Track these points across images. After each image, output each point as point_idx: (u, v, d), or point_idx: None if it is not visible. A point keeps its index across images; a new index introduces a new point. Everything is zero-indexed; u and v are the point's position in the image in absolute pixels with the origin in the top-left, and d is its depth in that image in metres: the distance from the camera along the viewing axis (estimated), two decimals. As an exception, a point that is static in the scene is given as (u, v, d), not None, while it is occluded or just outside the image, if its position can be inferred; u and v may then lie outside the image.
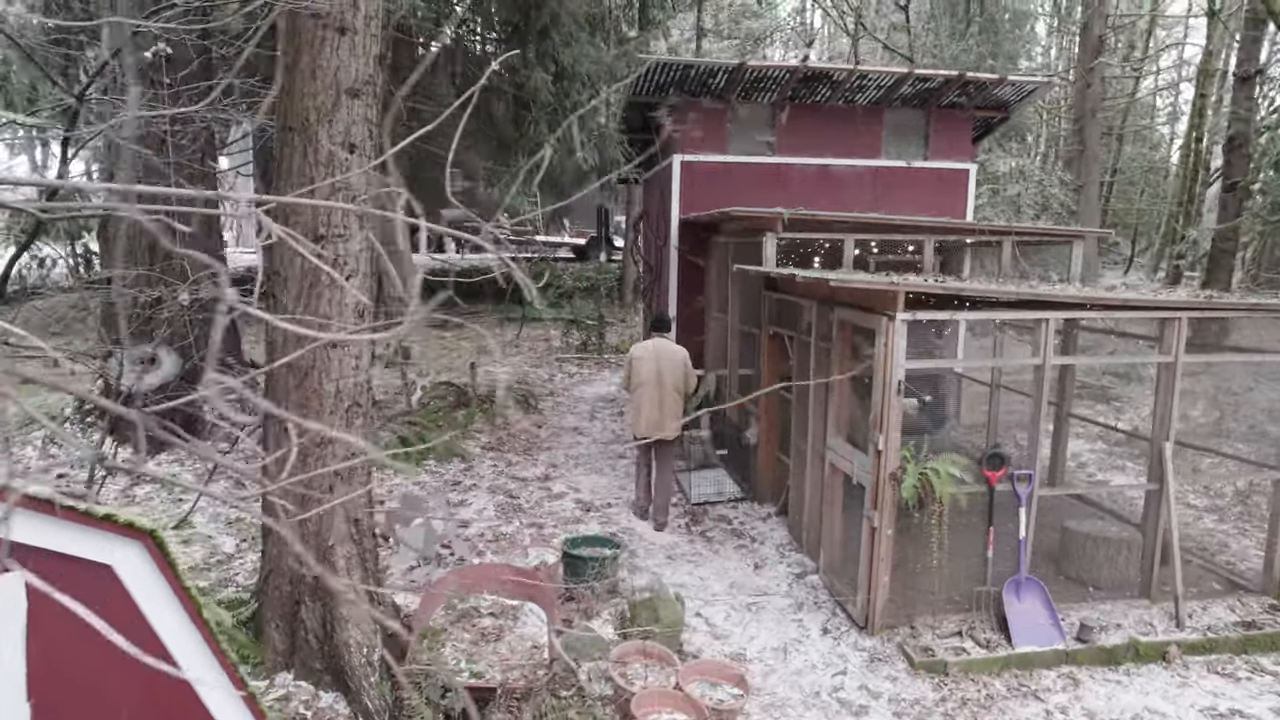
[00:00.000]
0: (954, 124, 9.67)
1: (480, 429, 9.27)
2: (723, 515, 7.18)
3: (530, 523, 6.88)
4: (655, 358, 6.76)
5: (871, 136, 9.55)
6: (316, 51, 4.01)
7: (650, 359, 6.76)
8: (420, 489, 7.62)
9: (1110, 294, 4.96)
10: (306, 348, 4.02)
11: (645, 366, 6.76)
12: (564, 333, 14.39)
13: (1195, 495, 7.87)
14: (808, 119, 9.43)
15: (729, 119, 9.34)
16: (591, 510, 7.24)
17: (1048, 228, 7.49)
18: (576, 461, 8.63)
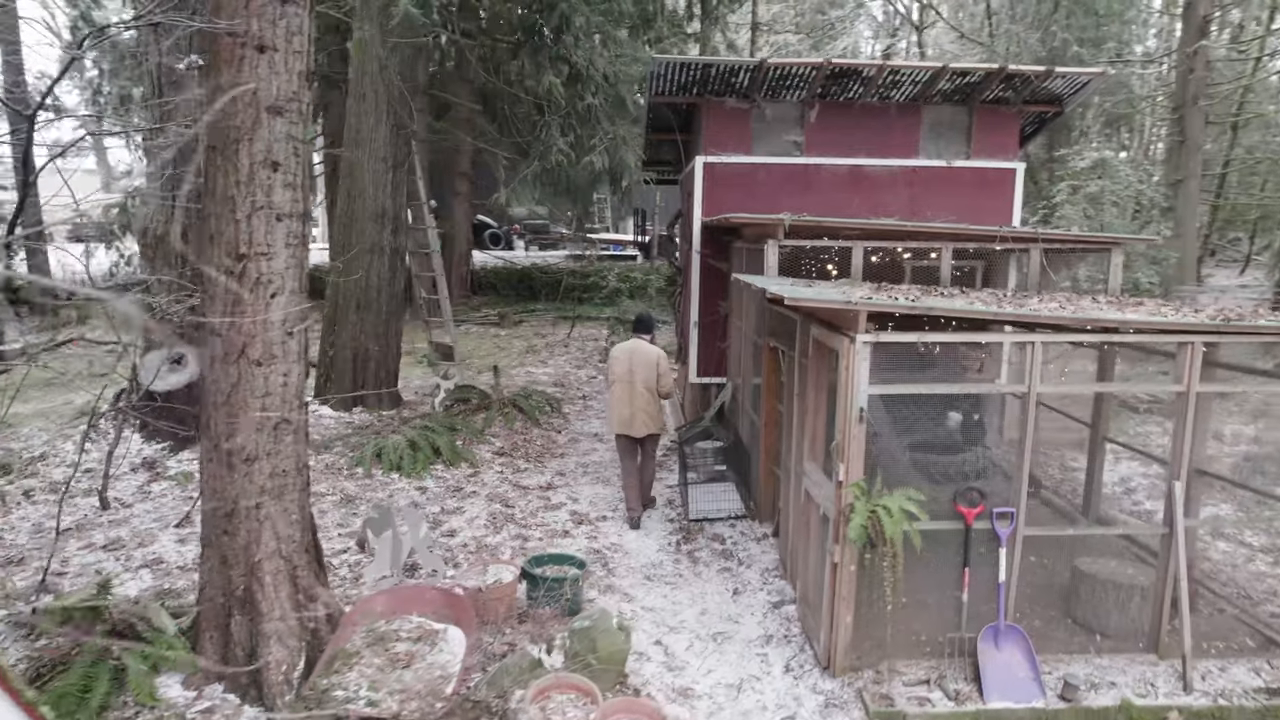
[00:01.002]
0: (999, 120, 9.03)
1: (496, 433, 9.26)
2: (717, 534, 6.92)
3: (516, 534, 6.80)
4: (629, 357, 7.10)
5: (908, 135, 9.03)
6: (235, 70, 3.99)
7: (625, 358, 7.13)
8: (422, 494, 7.65)
9: (1103, 313, 4.45)
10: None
11: (619, 365, 7.13)
12: (610, 332, 14.28)
13: (1254, 532, 7.10)
14: (838, 117, 8.99)
15: (754, 118, 8.99)
16: (584, 523, 7.10)
17: (1080, 235, 6.86)
18: (585, 470, 8.50)
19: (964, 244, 6.93)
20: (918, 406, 6.51)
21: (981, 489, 4.63)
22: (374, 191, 9.33)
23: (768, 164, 9.02)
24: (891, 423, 5.14)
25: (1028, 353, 4.52)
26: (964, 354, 7.53)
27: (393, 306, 9.69)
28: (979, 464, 6.94)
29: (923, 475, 5.28)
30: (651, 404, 7.06)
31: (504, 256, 20.79)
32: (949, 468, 6.61)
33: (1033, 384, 4.54)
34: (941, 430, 6.79)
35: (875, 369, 4.51)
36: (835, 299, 4.33)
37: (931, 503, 4.67)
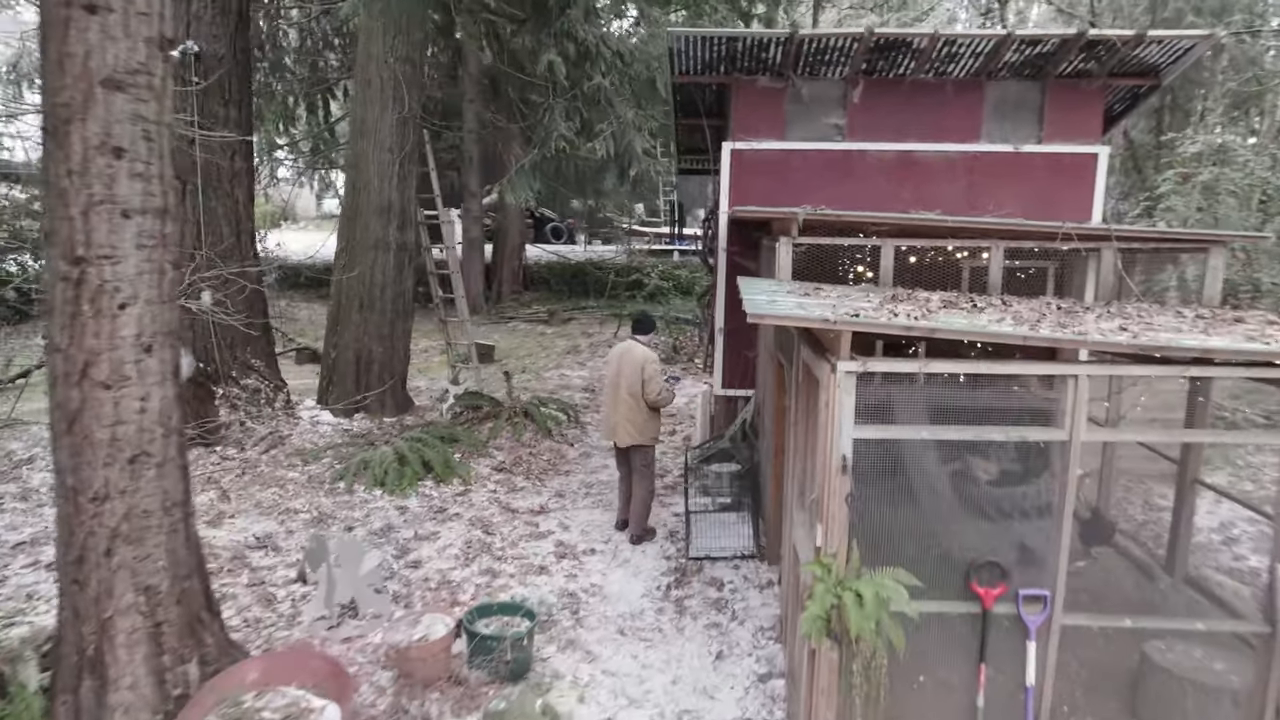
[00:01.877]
0: (1079, 98, 7.71)
1: (501, 445, 8.55)
2: (716, 577, 5.99)
3: (487, 569, 6.04)
4: (619, 359, 6.62)
5: (968, 115, 7.82)
6: (62, 36, 3.31)
7: (615, 361, 6.67)
8: (401, 515, 7.00)
9: (1177, 339, 3.32)
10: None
11: (610, 369, 6.73)
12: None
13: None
14: (886, 96, 7.86)
15: (789, 99, 7.95)
16: (567, 556, 6.29)
17: (1166, 232, 5.58)
18: (588, 490, 7.69)
19: (1019, 242, 5.77)
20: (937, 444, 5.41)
21: (1002, 564, 3.57)
22: (379, 184, 8.74)
23: (804, 150, 7.96)
24: (894, 462, 4.10)
25: (1068, 390, 3.44)
26: (1019, 379, 6.35)
27: (399, 306, 9.10)
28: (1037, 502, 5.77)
29: (934, 535, 4.22)
30: (636, 412, 6.44)
31: (559, 251, 20.16)
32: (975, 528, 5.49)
33: (1075, 430, 3.45)
34: (970, 471, 5.66)
35: (869, 404, 3.52)
36: (797, 313, 3.36)
37: (941, 573, 3.66)
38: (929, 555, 3.69)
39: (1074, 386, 3.41)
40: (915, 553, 3.63)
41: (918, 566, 3.59)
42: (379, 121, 8.65)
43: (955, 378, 3.76)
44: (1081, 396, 3.41)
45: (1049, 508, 4.16)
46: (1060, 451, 3.51)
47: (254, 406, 8.41)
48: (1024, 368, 3.55)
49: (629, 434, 6.46)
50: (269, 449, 8.08)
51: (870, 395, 3.54)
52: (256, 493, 7.30)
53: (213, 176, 8.35)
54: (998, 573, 3.61)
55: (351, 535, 6.39)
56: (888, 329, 3.38)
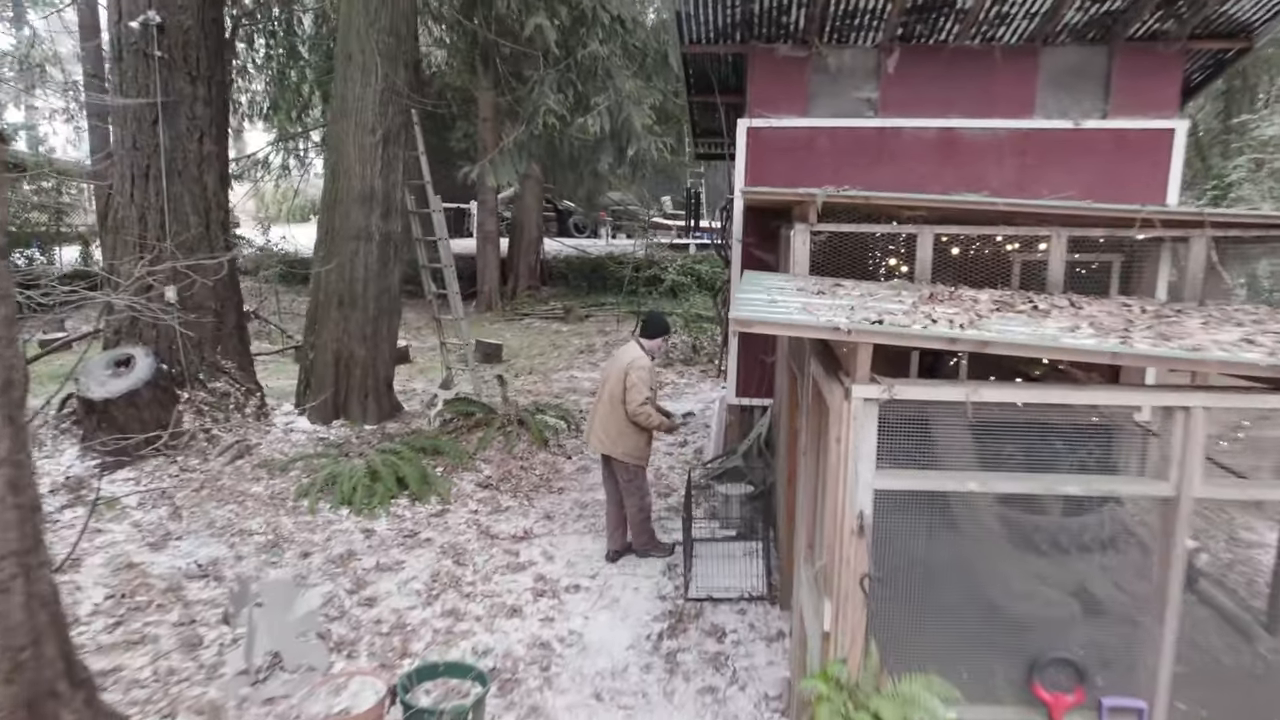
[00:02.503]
0: (1153, 64, 6.65)
1: (490, 457, 7.72)
2: (718, 624, 5.09)
3: (450, 609, 5.21)
4: (613, 360, 6.06)
5: (1020, 86, 6.79)
6: None
7: (610, 361, 6.12)
8: (366, 539, 6.20)
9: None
10: None
11: (601, 373, 6.29)
12: (673, 331, 12.49)
13: None
14: (926, 66, 6.86)
15: (813, 69, 7.00)
16: (546, 595, 5.43)
17: (1272, 215, 4.54)
18: (582, 511, 6.83)
19: (1086, 231, 4.78)
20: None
21: (1078, 661, 2.63)
22: (361, 169, 7.95)
23: (831, 128, 7.00)
24: (930, 520, 3.14)
25: (1177, 428, 2.48)
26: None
27: (384, 303, 8.30)
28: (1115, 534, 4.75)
29: (982, 616, 3.24)
30: (611, 420, 5.78)
31: (580, 245, 19.31)
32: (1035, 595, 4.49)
33: (1185, 483, 2.50)
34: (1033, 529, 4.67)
35: (895, 438, 2.60)
36: (798, 319, 2.46)
37: (991, 669, 2.73)
38: (975, 644, 2.76)
39: (1184, 423, 2.46)
40: (956, 641, 2.71)
41: (959, 658, 2.67)
42: (360, 100, 7.86)
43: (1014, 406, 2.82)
44: (1195, 437, 2.45)
45: (1144, 597, 3.18)
46: (1164, 512, 2.55)
47: (222, 412, 7.68)
48: (1111, 396, 2.60)
49: (600, 440, 5.85)
50: (234, 459, 7.35)
51: (897, 425, 2.62)
52: (212, 510, 6.55)
53: (178, 160, 7.62)
54: (1071, 672, 2.67)
55: (282, 574, 5.58)
56: (923, 340, 2.46)
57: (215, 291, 7.89)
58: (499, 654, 4.73)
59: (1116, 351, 2.39)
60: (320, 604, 5.06)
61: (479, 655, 4.72)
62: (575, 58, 6.71)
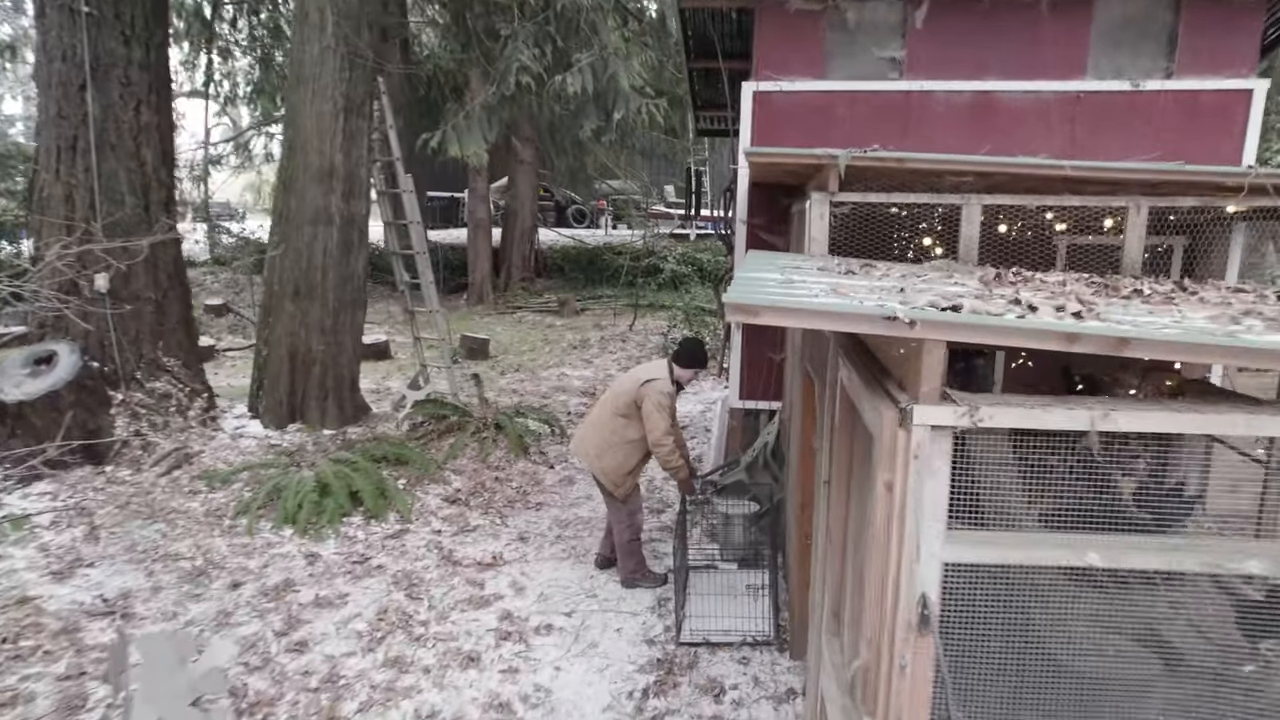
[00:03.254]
0: (1224, 17, 5.73)
1: (462, 467, 6.85)
2: (716, 678, 4.21)
3: (394, 658, 4.34)
4: (626, 375, 5.21)
5: (1069, 44, 5.87)
6: None
7: (623, 376, 5.31)
8: (309, 565, 5.34)
9: None
10: None
11: (614, 384, 5.35)
12: (669, 327, 11.62)
13: None
14: (959, 20, 5.95)
15: (829, 25, 6.09)
16: (511, 638, 4.56)
17: None
18: (561, 532, 5.95)
19: (1173, 199, 3.89)
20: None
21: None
22: (319, 143, 7.07)
23: (850, 92, 6.09)
24: (1017, 605, 2.25)
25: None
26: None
27: (346, 293, 7.43)
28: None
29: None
30: (603, 431, 5.01)
31: (577, 235, 18.39)
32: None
33: None
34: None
35: (960, 483, 1.72)
36: (828, 304, 1.57)
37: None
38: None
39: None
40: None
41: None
42: (318, 66, 6.97)
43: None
44: None
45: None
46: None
47: (161, 416, 6.82)
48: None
49: (585, 451, 5.08)
50: (171, 470, 6.49)
51: (968, 467, 1.74)
52: (136, 530, 5.70)
53: (111, 132, 6.75)
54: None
55: (173, 629, 4.70)
56: (1026, 336, 1.56)
57: (156, 281, 7.04)
58: (446, 718, 3.87)
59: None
60: (233, 655, 4.19)
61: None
62: (555, 9, 5.87)
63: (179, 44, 16.02)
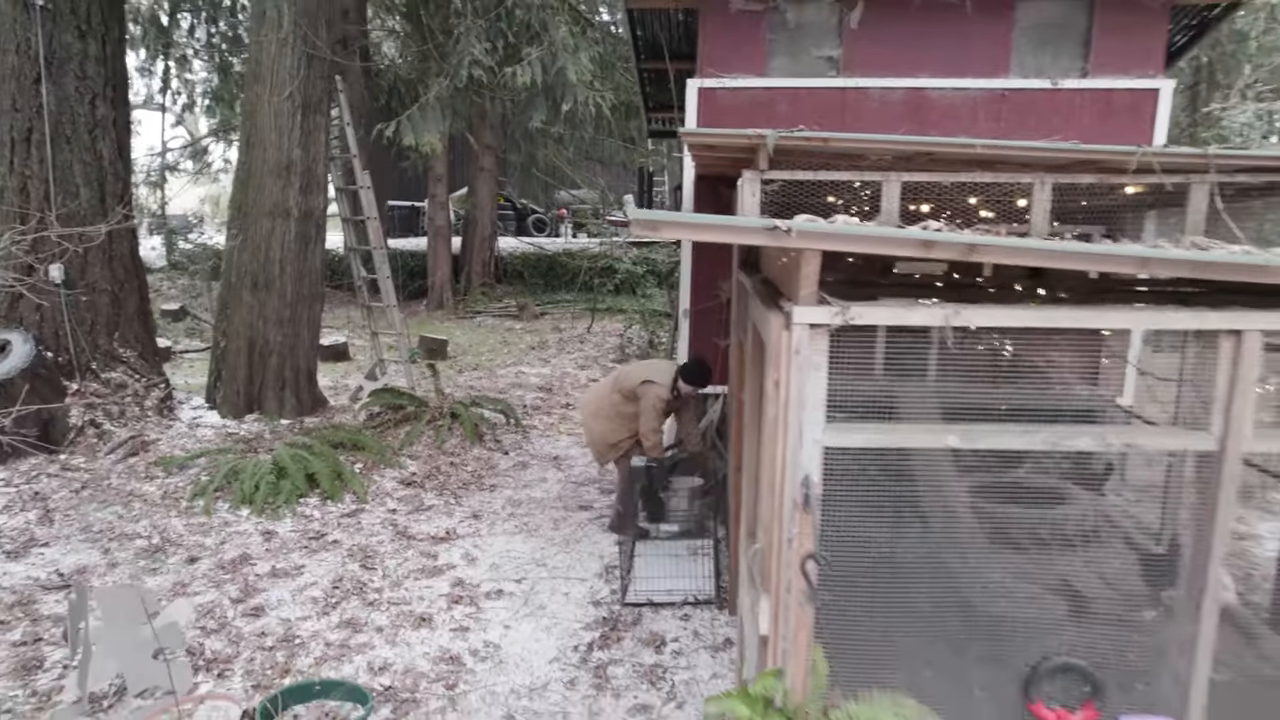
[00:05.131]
0: (1135, 20, 6.15)
1: (418, 453, 6.99)
2: (658, 632, 4.43)
3: (348, 619, 4.49)
4: (635, 365, 5.94)
5: (994, 44, 6.26)
6: None
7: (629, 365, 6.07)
8: (266, 541, 5.45)
9: None
10: None
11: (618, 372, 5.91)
12: (625, 327, 11.86)
13: None
14: (893, 21, 6.30)
15: (770, 25, 6.41)
16: (463, 601, 4.73)
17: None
18: (514, 510, 6.13)
19: (1075, 177, 4.22)
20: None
21: (1088, 670, 2.00)
22: (277, 138, 7.21)
23: (791, 88, 6.40)
24: (897, 489, 2.48)
25: (1222, 359, 1.87)
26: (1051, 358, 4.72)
27: (304, 286, 7.56)
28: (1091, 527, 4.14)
29: (966, 616, 2.59)
30: (598, 398, 5.64)
31: (537, 243, 18.61)
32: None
33: (1233, 432, 1.89)
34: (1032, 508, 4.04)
35: (848, 384, 1.96)
36: (724, 220, 1.83)
37: (977, 683, 2.09)
38: (957, 653, 2.13)
39: (1233, 353, 1.85)
40: (932, 650, 2.07)
41: (937, 673, 2.04)
42: (276, 62, 7.13)
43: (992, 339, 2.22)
44: (1246, 371, 1.85)
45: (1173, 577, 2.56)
46: (1203, 472, 1.95)
47: (117, 405, 6.87)
48: (1143, 318, 1.98)
49: (583, 409, 5.84)
50: (127, 457, 6.55)
51: (849, 369, 1.98)
52: (92, 512, 5.77)
53: (66, 125, 6.83)
54: (1080, 683, 2.05)
55: (134, 582, 4.82)
56: (886, 244, 1.82)
57: (112, 272, 7.10)
58: (399, 671, 4.03)
59: (1148, 257, 1.78)
60: (190, 615, 4.30)
61: (374, 672, 4.01)
62: (506, 6, 6.10)
63: (135, 50, 15.96)
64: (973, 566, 2.30)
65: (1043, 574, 2.37)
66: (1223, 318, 1.83)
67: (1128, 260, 1.79)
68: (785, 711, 1.68)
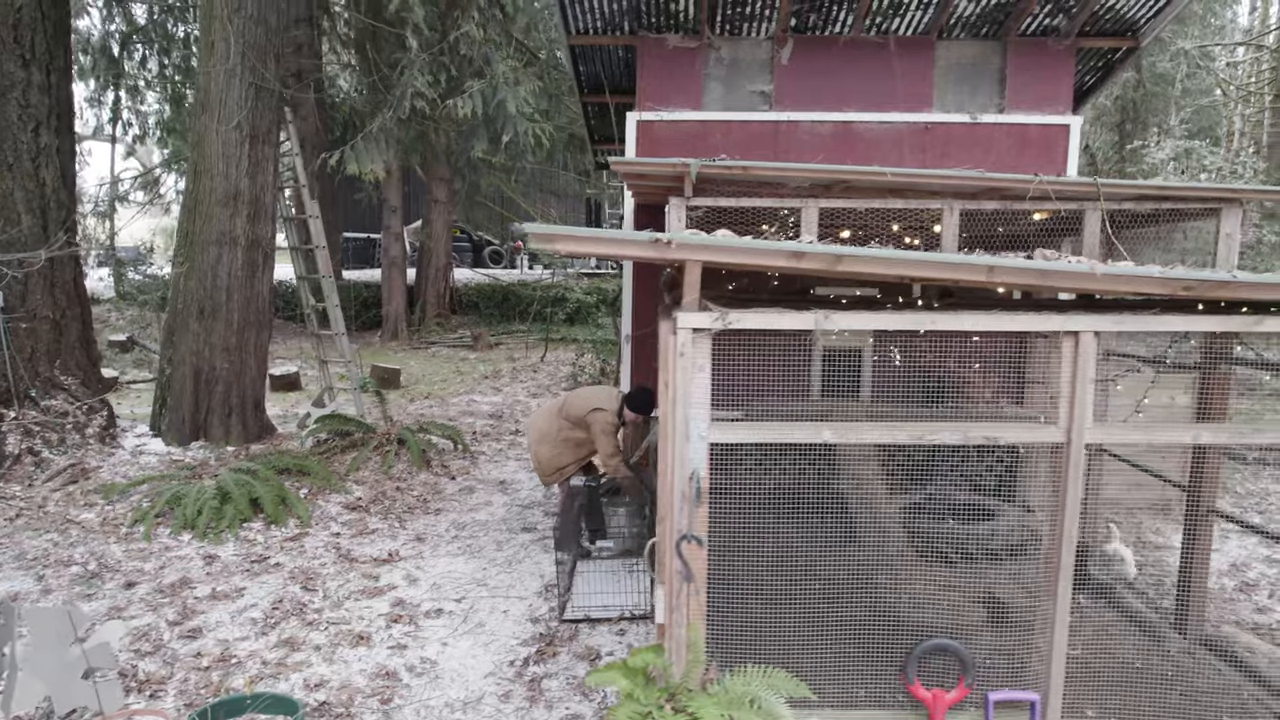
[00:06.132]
0: (1045, 59, 6.56)
1: (364, 478, 7.03)
2: (593, 646, 4.53)
3: (287, 639, 4.51)
4: (580, 392, 5.85)
5: (917, 81, 6.62)
6: None
7: (575, 392, 5.89)
8: (207, 565, 5.45)
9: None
10: None
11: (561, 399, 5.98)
12: (578, 355, 12.01)
13: None
14: (820, 59, 6.65)
15: (706, 62, 6.71)
16: (402, 620, 4.79)
17: (1165, 185, 4.33)
18: (459, 533, 6.19)
19: (979, 203, 4.49)
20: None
21: (960, 650, 2.18)
22: (225, 167, 7.30)
23: (725, 121, 6.70)
24: (781, 482, 2.66)
25: (1065, 357, 2.09)
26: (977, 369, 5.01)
27: (250, 314, 7.60)
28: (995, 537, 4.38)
29: (846, 602, 2.77)
30: (544, 422, 5.75)
31: (493, 274, 18.75)
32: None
33: (1077, 425, 2.09)
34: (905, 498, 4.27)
35: (734, 382, 2.14)
36: (613, 234, 2.00)
37: (859, 665, 2.25)
38: (838, 636, 2.29)
39: (1073, 352, 2.07)
40: (815, 632, 2.23)
41: (820, 655, 2.19)
42: (224, 93, 7.24)
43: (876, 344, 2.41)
44: (1085, 369, 2.06)
45: (1027, 555, 2.77)
46: (1054, 462, 2.15)
47: (56, 433, 6.81)
48: (985, 320, 2.19)
49: (530, 432, 5.83)
50: (66, 485, 6.49)
51: (733, 368, 2.16)
52: (27, 540, 5.71)
53: (8, 152, 6.85)
54: (952, 664, 2.22)
55: (66, 602, 4.82)
56: (760, 255, 2.01)
57: (54, 299, 7.08)
58: (334, 687, 4.07)
59: (992, 265, 1.99)
60: (123, 635, 4.31)
61: (310, 689, 4.05)
62: (449, 40, 6.29)
63: (84, 80, 15.89)
64: (859, 555, 2.48)
65: (919, 563, 2.54)
66: (1062, 320, 2.04)
67: (976, 269, 1.99)
68: (667, 688, 1.82)
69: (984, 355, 4.13)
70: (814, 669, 2.09)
